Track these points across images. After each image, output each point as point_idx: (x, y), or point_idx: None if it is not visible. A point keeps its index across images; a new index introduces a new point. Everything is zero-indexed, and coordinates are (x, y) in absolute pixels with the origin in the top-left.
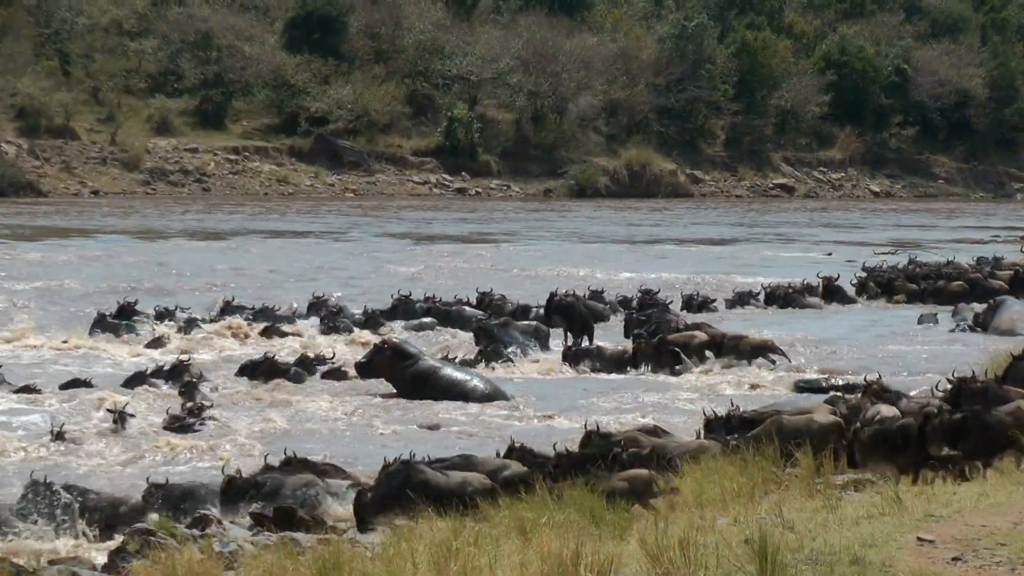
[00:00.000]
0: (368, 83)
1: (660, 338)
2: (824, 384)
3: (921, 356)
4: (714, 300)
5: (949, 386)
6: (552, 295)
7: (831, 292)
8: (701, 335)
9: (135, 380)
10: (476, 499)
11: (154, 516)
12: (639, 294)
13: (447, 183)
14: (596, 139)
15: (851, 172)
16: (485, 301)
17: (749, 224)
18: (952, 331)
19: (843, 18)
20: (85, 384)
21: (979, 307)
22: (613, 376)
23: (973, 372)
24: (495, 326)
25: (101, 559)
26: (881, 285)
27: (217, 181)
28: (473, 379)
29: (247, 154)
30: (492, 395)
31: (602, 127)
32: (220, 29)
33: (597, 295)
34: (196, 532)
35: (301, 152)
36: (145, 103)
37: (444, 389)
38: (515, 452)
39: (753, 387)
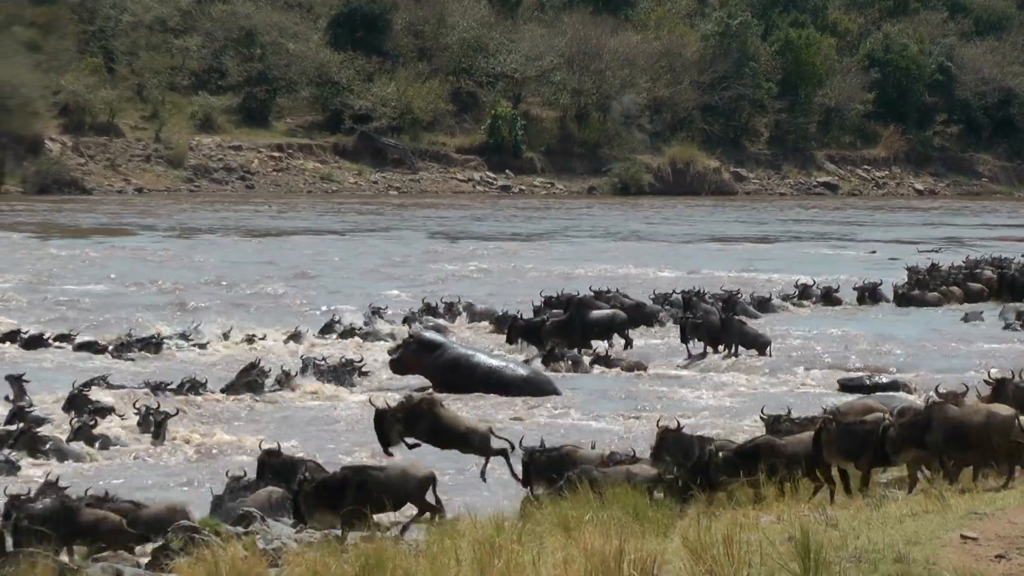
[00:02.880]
0: (412, 80)
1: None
2: (868, 382)
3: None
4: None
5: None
6: (515, 320)
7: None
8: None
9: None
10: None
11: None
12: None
13: (491, 181)
14: (640, 137)
15: (895, 170)
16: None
17: (793, 221)
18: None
19: (887, 16)
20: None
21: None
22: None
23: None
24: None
25: (145, 557)
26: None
27: (261, 179)
28: (510, 365)
29: (291, 151)
30: (533, 381)
31: (646, 125)
32: (264, 26)
33: (600, 295)
34: (240, 529)
35: (345, 150)
36: (189, 100)
37: (480, 377)
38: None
39: (799, 387)
